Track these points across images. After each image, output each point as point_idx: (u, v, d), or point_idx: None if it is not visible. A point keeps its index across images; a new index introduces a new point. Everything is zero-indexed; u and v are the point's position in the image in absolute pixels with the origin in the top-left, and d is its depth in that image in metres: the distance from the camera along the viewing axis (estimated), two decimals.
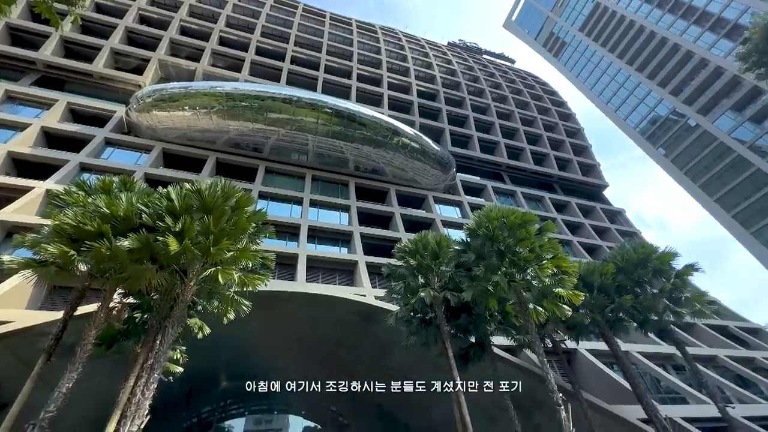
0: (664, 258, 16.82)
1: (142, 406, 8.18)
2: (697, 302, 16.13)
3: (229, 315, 11.89)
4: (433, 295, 14.78)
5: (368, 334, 21.27)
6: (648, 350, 23.79)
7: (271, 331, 21.42)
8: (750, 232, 51.63)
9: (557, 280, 13.14)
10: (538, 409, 17.45)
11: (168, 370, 12.17)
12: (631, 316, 16.64)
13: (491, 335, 16.55)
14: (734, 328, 30.39)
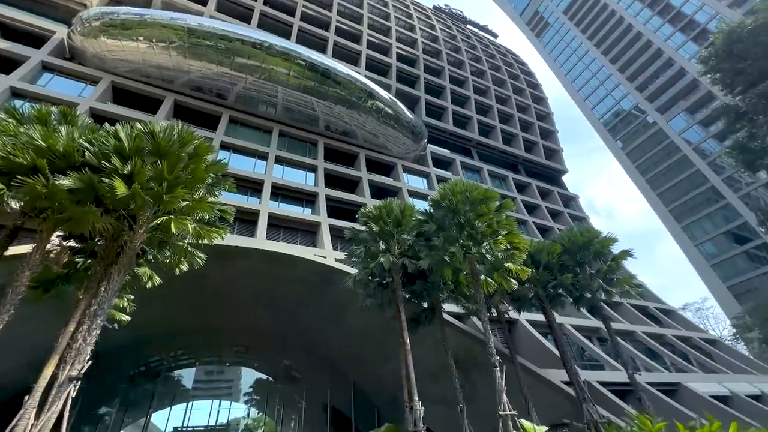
0: (605, 243, 18.37)
1: (83, 351, 7.92)
2: (627, 284, 17.98)
3: (183, 266, 11.54)
4: (392, 261, 15.20)
5: (327, 295, 21.69)
6: (579, 323, 26.44)
7: (228, 285, 21.18)
8: (681, 226, 57.16)
9: (509, 255, 13.97)
10: (477, 370, 19.05)
11: (113, 318, 11.76)
12: (569, 293, 18.26)
13: (443, 302, 17.50)
14: (653, 308, 34.36)
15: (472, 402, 17.24)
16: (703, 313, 59.07)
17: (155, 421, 27.18)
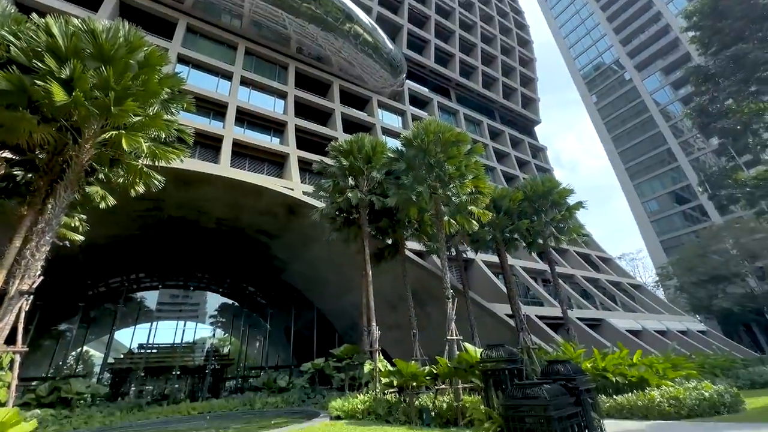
0: (562, 193, 19.44)
1: (33, 267, 7.66)
2: (575, 233, 19.50)
3: (138, 188, 10.93)
4: (359, 197, 15.30)
5: (293, 226, 21.79)
6: (527, 266, 28.85)
7: (191, 211, 20.60)
8: (633, 184, 61.05)
9: (473, 199, 14.47)
10: (432, 302, 20.72)
11: (64, 237, 11.25)
12: (523, 238, 19.59)
13: (406, 239, 18.23)
14: (594, 256, 37.93)
15: (425, 330, 19.05)
16: (635, 262, 66.47)
17: (119, 338, 27.81)
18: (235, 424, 11.98)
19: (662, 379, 11.65)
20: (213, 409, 16.29)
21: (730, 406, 9.50)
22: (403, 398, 10.47)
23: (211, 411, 15.89)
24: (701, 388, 10.00)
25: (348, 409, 10.64)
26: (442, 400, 9.59)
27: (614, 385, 11.66)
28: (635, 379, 11.52)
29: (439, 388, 10.93)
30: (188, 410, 15.99)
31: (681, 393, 9.70)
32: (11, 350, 6.93)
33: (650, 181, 58.94)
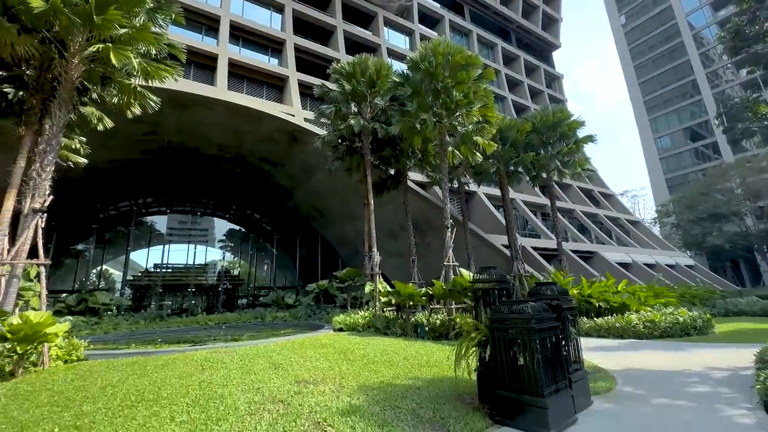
0: (573, 125, 18.73)
1: (41, 186, 7.81)
2: (580, 167, 19.23)
3: (134, 109, 10.59)
4: (362, 125, 14.86)
5: (295, 154, 21.56)
6: (528, 199, 29.07)
7: (190, 136, 20.22)
8: (649, 118, 58.32)
9: (479, 129, 14.03)
10: (431, 231, 21.38)
11: (66, 158, 11.26)
12: (527, 171, 19.40)
13: (409, 170, 18.14)
14: (596, 192, 37.95)
15: (424, 257, 19.96)
16: (637, 199, 66.60)
17: (136, 258, 29.48)
18: (248, 333, 13.30)
19: (642, 306, 12.55)
20: (227, 321, 17.93)
21: (700, 330, 10.36)
22: (400, 315, 11.42)
23: (226, 322, 17.52)
24: (677, 314, 10.81)
25: (350, 323, 11.68)
26: (436, 318, 10.46)
27: (597, 309, 12.60)
28: (617, 305, 12.40)
29: (434, 307, 11.84)
30: (205, 321, 17.63)
31: (657, 317, 10.51)
32: (35, 263, 7.42)
33: (667, 115, 56.16)
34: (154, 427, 3.72)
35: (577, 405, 4.31)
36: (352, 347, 7.82)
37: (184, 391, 4.74)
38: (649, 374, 6.02)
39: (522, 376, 4.03)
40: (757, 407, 4.22)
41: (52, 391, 4.85)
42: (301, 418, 3.93)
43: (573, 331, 4.98)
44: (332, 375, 5.64)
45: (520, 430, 3.87)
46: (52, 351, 6.61)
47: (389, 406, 4.35)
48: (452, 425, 3.92)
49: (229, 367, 5.94)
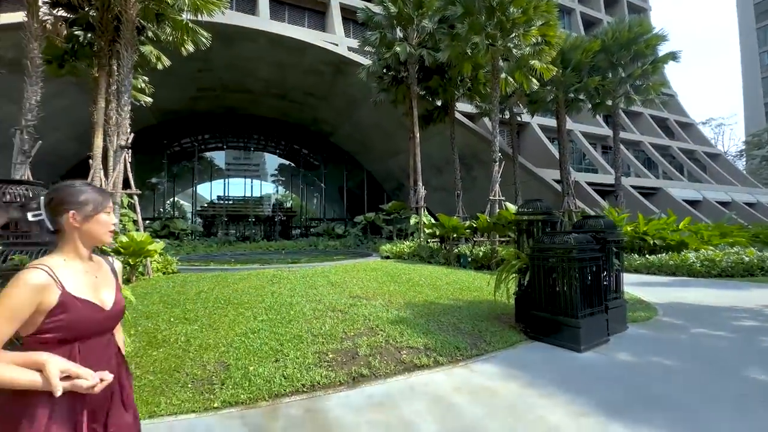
0: (652, 41, 16.08)
1: (123, 125, 8.75)
2: (655, 91, 16.91)
3: (187, 46, 10.95)
4: (408, 52, 14.08)
5: (338, 86, 21.24)
6: (588, 130, 26.64)
7: (237, 71, 20.55)
8: (756, 27, 47.87)
9: (537, 51, 12.69)
10: (478, 165, 20.87)
11: (135, 98, 12.24)
12: (590, 98, 17.54)
13: (456, 100, 17.26)
14: (672, 120, 33.54)
15: (469, 192, 19.82)
16: (723, 128, 57.78)
17: (201, 191, 32.54)
18: (304, 257, 14.80)
19: (704, 245, 11.83)
20: (285, 247, 19.90)
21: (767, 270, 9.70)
22: (444, 246, 11.95)
23: (284, 248, 19.48)
24: (742, 254, 10.13)
25: (396, 251, 12.49)
26: (479, 250, 10.83)
27: (651, 247, 12.12)
28: (674, 243, 11.81)
29: (477, 240, 12.17)
30: (266, 247, 19.75)
31: (717, 256, 9.96)
32: (129, 192, 8.69)
33: None
34: (241, 322, 4.65)
35: (611, 329, 4.59)
36: (399, 272, 8.55)
37: (260, 299, 5.70)
38: (694, 308, 6.04)
39: (558, 300, 4.33)
40: None
41: (160, 293, 6.09)
42: (357, 323, 4.66)
43: (616, 262, 5.07)
44: (381, 293, 6.37)
45: (552, 345, 4.29)
46: (153, 264, 8.05)
47: (432, 319, 4.96)
48: (489, 337, 4.43)
49: (294, 282, 6.91)
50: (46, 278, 1.10)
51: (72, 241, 1.22)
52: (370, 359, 3.66)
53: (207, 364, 3.46)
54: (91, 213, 1.22)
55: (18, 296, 1.04)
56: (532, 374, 3.43)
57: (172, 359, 3.56)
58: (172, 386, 3.07)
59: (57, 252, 1.21)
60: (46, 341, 1.08)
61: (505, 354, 4.05)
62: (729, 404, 2.80)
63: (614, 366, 3.66)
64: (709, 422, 2.53)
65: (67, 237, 1.21)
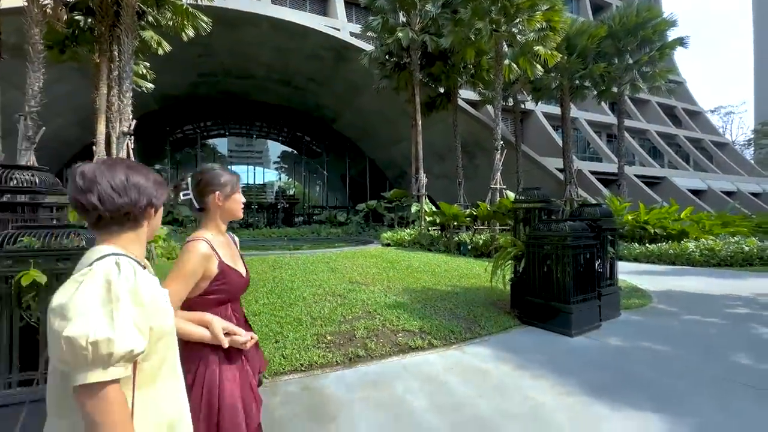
0: (659, 26, 15.71)
1: (125, 111, 8.80)
2: (661, 78, 16.62)
3: (188, 31, 10.90)
4: (411, 37, 13.90)
5: (340, 72, 21.04)
6: (593, 118, 26.32)
7: (240, 57, 20.38)
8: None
9: (542, 37, 12.48)
10: (481, 153, 20.77)
11: (137, 84, 12.23)
12: (595, 85, 17.28)
13: (460, 87, 17.08)
14: (680, 108, 33.01)
15: (471, 180, 19.78)
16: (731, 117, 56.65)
17: None
18: (306, 244, 14.97)
19: (705, 234, 11.82)
20: (288, 234, 20.07)
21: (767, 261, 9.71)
22: (444, 234, 12.03)
23: (286, 235, 19.65)
24: (743, 243, 10.14)
25: (396, 239, 12.60)
26: (479, 238, 10.91)
27: (652, 236, 12.13)
28: (675, 232, 11.82)
29: (478, 228, 12.24)
30: (269, 234, 19.94)
31: (717, 245, 9.98)
32: None
33: None
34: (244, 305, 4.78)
35: (603, 315, 4.67)
36: (398, 258, 8.67)
37: (262, 284, 5.84)
38: (689, 296, 6.12)
39: (552, 286, 4.42)
40: None
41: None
42: (355, 307, 4.79)
43: (611, 250, 5.13)
44: (381, 279, 6.49)
45: (544, 329, 4.40)
46: (156, 250, 8.21)
47: (429, 304, 5.07)
48: (483, 322, 4.54)
49: (295, 268, 7.05)
50: (209, 249, 1.29)
51: (215, 218, 1.40)
52: (367, 341, 3.79)
53: None
54: (230, 193, 1.42)
55: (191, 263, 1.24)
56: (523, 357, 3.54)
57: None
58: None
59: (203, 228, 1.38)
60: (208, 303, 1.30)
61: (498, 338, 4.17)
62: (711, 387, 2.90)
63: (603, 350, 3.76)
64: (690, 404, 2.63)
65: (211, 215, 1.39)
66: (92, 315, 0.74)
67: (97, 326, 0.73)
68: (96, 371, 0.73)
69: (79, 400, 0.74)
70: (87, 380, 0.73)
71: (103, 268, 0.80)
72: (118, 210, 0.88)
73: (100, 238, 0.91)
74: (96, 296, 0.76)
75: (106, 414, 0.74)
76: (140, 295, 0.82)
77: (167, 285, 1.17)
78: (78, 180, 0.86)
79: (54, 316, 0.75)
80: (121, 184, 0.89)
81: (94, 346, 0.72)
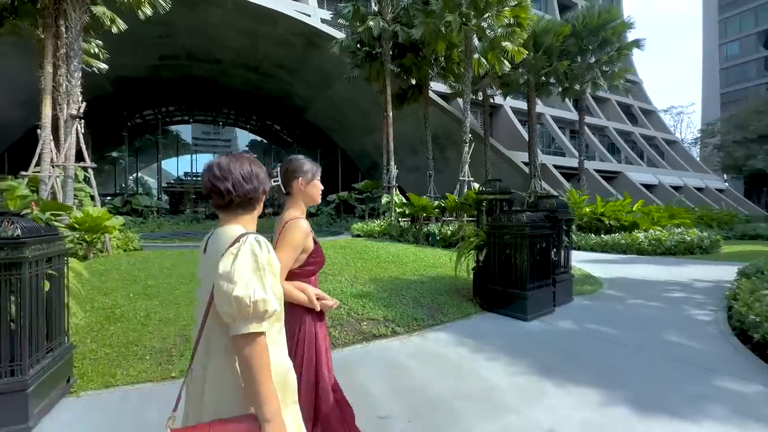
0: (619, 28, 16.55)
1: (73, 93, 8.17)
2: (620, 77, 17.54)
3: (144, 9, 10.20)
4: (382, 27, 13.78)
5: (311, 60, 20.56)
6: (559, 115, 27.42)
7: (203, 38, 19.39)
8: (719, 18, 49.94)
9: (509, 32, 12.78)
10: (452, 146, 21.09)
11: (88, 63, 11.36)
12: (559, 82, 17.97)
13: (431, 79, 17.20)
14: (636, 107, 35.01)
15: (442, 172, 20.10)
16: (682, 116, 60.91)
17: (167, 167, 31.07)
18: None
19: (654, 225, 12.74)
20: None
21: (706, 249, 10.65)
22: (413, 225, 12.20)
23: None
24: (685, 234, 11.04)
25: (366, 230, 12.63)
26: (447, 228, 11.16)
27: (607, 227, 12.92)
28: (628, 223, 12.64)
29: (446, 219, 12.50)
30: None
31: (663, 235, 10.80)
32: (83, 165, 8.22)
33: (742, 15, 47.67)
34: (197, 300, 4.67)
35: (557, 300, 4.97)
36: (367, 249, 8.71)
37: None
38: (635, 282, 6.60)
39: (510, 274, 4.63)
40: (720, 309, 4.76)
41: (120, 270, 5.94)
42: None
43: (566, 240, 5.43)
44: (348, 269, 6.51)
45: (503, 315, 4.61)
46: (112, 241, 7.77)
47: (394, 293, 5.16)
48: (446, 309, 4.69)
49: None
50: (309, 227, 1.53)
51: (298, 201, 1.59)
52: (331, 330, 3.81)
53: (167, 338, 3.49)
54: (311, 179, 1.60)
55: (298, 238, 1.46)
56: (481, 341, 3.71)
57: (131, 333, 3.56)
58: (129, 359, 3.10)
59: (291, 210, 1.56)
60: (304, 273, 1.54)
61: (459, 324, 4.32)
62: (646, 363, 3.18)
63: (555, 333, 4.01)
64: (625, 379, 2.87)
65: (296, 198, 1.58)
66: (250, 280, 0.95)
67: (255, 289, 0.94)
68: (254, 324, 0.94)
69: (238, 345, 0.95)
70: (248, 330, 0.93)
71: (249, 243, 0.99)
72: (246, 195, 1.08)
73: (225, 218, 1.11)
74: (248, 266, 0.96)
75: (258, 357, 0.94)
76: (273, 266, 1.03)
77: (278, 257, 1.27)
78: (216, 170, 1.06)
79: (222, 280, 0.94)
80: (247, 173, 1.08)
81: (254, 304, 0.93)
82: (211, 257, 1.05)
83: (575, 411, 2.40)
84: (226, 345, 1.01)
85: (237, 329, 0.94)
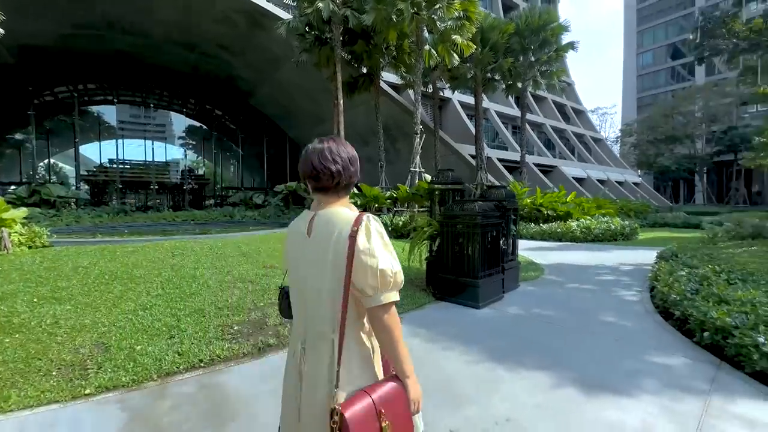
0: (556, 30, 17.68)
1: None
2: (557, 77, 18.82)
3: None
4: (332, 9, 13.24)
5: (256, 42, 19.29)
6: (502, 110, 28.82)
7: (127, 8, 17.22)
8: (637, 30, 55.70)
9: (459, 26, 12.99)
10: (403, 138, 21.20)
11: None
12: (504, 79, 18.80)
13: (382, 68, 17.02)
14: (569, 107, 38.00)
15: (393, 163, 20.16)
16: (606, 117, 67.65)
17: (87, 153, 27.48)
18: (216, 228, 13.69)
19: (584, 215, 13.95)
20: (195, 218, 18.10)
21: (627, 236, 11.88)
22: None
23: (194, 219, 17.72)
24: (610, 222, 12.22)
25: None
26: (399, 219, 11.18)
27: (546, 217, 13.88)
28: (563, 213, 13.69)
29: (398, 210, 12.53)
30: (172, 217, 17.71)
31: (592, 224, 11.84)
32: None
33: (656, 29, 53.75)
34: (131, 299, 4.11)
35: (506, 287, 5.13)
36: None
37: (157, 272, 5.10)
38: (571, 267, 7.10)
39: (463, 263, 4.67)
40: (644, 290, 5.26)
41: (22, 270, 5.04)
42: (267, 293, 4.46)
43: (513, 229, 5.63)
44: None
45: (456, 304, 4.65)
46: (13, 237, 6.61)
47: None
48: (400, 300, 4.62)
49: (199, 254, 6.32)
50: None
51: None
52: (280, 328, 3.55)
53: (80, 348, 2.99)
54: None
55: None
56: (435, 330, 3.68)
57: (32, 345, 2.99)
58: (28, 376, 2.58)
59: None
60: None
61: (413, 314, 4.27)
62: (585, 343, 3.37)
63: (505, 319, 4.12)
64: (570, 358, 3.00)
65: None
66: (385, 255, 1.02)
67: (393, 262, 1.03)
68: (393, 293, 1.03)
69: (378, 314, 1.02)
70: (390, 299, 1.01)
71: (373, 221, 1.05)
72: (350, 177, 1.14)
73: (327, 200, 1.13)
74: (380, 242, 1.03)
75: (396, 323, 1.04)
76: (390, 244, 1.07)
77: None
78: (327, 153, 1.11)
79: (364, 255, 0.99)
80: (353, 158, 1.15)
81: (395, 275, 1.02)
82: (323, 238, 1.06)
83: (530, 396, 2.43)
84: (356, 317, 1.07)
85: (378, 300, 1.00)
